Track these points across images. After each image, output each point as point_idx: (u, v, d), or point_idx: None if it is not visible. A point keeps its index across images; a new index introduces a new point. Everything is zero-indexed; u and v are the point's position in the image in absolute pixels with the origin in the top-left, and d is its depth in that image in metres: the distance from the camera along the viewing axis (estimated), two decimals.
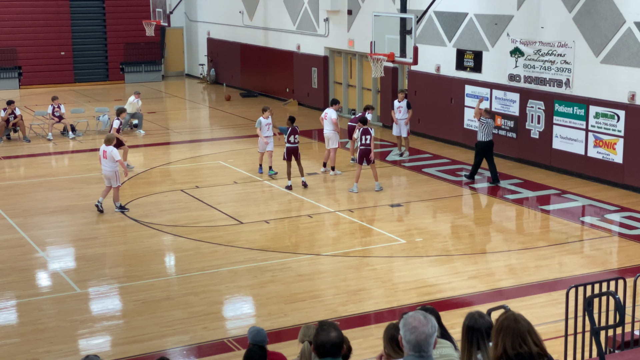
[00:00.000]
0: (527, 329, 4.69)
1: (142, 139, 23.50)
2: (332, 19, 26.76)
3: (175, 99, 32.46)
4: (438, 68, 22.46)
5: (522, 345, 4.63)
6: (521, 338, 4.64)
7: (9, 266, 13.16)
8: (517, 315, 4.76)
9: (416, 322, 4.43)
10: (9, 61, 33.28)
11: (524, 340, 4.64)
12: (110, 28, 35.02)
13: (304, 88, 28.74)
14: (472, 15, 21.16)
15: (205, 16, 35.70)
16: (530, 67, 19.48)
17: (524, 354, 4.62)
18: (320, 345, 4.98)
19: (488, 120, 17.70)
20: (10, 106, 23.05)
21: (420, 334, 4.40)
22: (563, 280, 12.28)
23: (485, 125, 17.64)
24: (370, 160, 17.13)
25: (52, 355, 10.03)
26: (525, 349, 4.62)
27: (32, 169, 19.99)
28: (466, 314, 5.38)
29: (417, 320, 4.44)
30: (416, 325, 4.42)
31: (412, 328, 4.42)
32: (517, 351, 4.61)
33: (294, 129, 17.68)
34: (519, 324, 4.69)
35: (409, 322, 4.45)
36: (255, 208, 16.39)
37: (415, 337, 4.40)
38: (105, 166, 15.82)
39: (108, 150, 15.74)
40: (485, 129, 17.65)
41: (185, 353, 10.16)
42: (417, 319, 4.45)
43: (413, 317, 4.46)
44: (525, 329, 4.69)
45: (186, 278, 12.68)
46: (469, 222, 15.70)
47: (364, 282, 12.35)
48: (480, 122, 17.72)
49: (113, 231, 15.02)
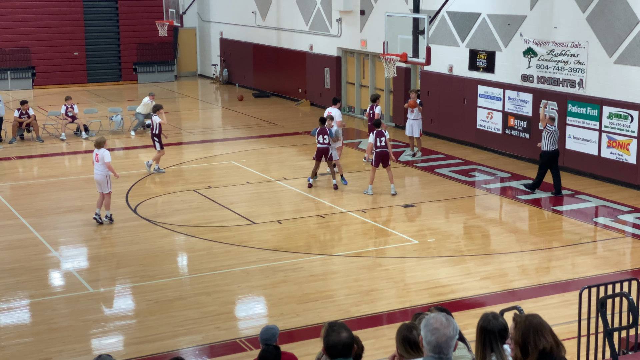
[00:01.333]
0: (549, 330, 4.75)
1: None
2: (345, 19, 26.74)
3: (188, 99, 32.53)
4: (451, 68, 22.41)
5: (545, 339, 4.70)
6: (543, 337, 4.71)
7: (23, 266, 13.23)
8: (535, 315, 4.83)
9: (438, 324, 4.41)
10: (22, 61, 33.45)
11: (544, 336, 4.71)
12: (123, 28, 35.14)
13: (316, 88, 28.74)
14: (485, 16, 21.10)
15: (218, 16, 35.76)
16: (543, 68, 19.40)
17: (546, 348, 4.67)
18: (332, 346, 4.98)
19: (553, 128, 16.73)
20: (23, 106, 23.17)
21: (442, 336, 4.39)
22: (576, 281, 12.23)
23: (551, 134, 16.66)
24: (387, 162, 17.12)
25: (65, 355, 10.07)
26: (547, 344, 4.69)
27: (46, 169, 20.08)
28: (480, 315, 5.36)
29: (439, 321, 4.42)
30: (438, 326, 4.40)
31: (433, 329, 4.40)
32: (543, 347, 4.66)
33: (323, 129, 17.75)
34: (538, 319, 4.76)
35: (430, 322, 4.43)
36: (268, 208, 16.40)
37: (436, 339, 4.38)
38: (97, 170, 15.29)
39: (100, 153, 15.23)
40: (550, 138, 16.67)
41: (197, 353, 10.18)
42: (439, 321, 4.43)
43: (435, 318, 4.44)
44: (548, 329, 4.75)
45: (198, 278, 12.71)
46: (482, 222, 15.65)
47: (376, 283, 12.33)
48: (546, 130, 16.72)
49: (126, 231, 15.06)
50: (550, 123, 16.84)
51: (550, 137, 16.75)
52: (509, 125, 20.49)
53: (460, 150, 21.53)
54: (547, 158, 16.91)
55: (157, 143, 19.35)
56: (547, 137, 16.76)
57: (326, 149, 17.60)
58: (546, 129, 16.83)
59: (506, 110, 20.55)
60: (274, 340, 7.32)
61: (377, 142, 17.02)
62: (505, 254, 13.69)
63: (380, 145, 17.00)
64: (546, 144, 16.82)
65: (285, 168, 19.81)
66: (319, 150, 17.65)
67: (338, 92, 27.66)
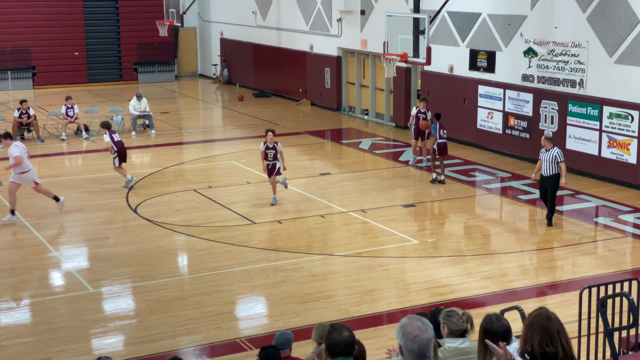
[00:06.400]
0: (557, 329, 4.64)
1: (154, 139, 23.57)
2: (345, 19, 26.74)
3: (188, 99, 32.54)
4: (451, 68, 22.41)
5: (549, 345, 4.59)
6: (550, 337, 4.60)
7: (23, 266, 13.23)
8: (550, 314, 4.69)
9: (417, 330, 4.41)
10: (23, 61, 33.46)
11: (552, 340, 4.60)
12: (123, 28, 35.15)
13: (317, 88, 28.74)
14: (486, 16, 21.09)
15: (219, 16, 35.76)
16: (543, 68, 19.40)
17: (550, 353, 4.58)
18: (334, 344, 4.99)
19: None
20: (23, 105, 23.18)
21: (423, 341, 4.39)
22: (576, 281, 12.23)
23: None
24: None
25: (65, 355, 10.07)
26: (552, 349, 4.58)
27: (46, 169, 20.08)
28: (483, 316, 5.35)
29: (416, 328, 4.42)
30: (417, 333, 4.40)
31: (414, 337, 4.39)
32: (544, 350, 4.58)
33: (442, 124, 18.14)
34: (550, 322, 4.64)
35: (409, 331, 4.41)
36: (268, 208, 16.40)
37: (419, 345, 4.38)
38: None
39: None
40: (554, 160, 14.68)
41: (198, 353, 10.18)
42: (416, 327, 4.42)
43: (412, 325, 4.43)
44: (556, 328, 4.63)
45: (199, 278, 12.71)
46: (482, 222, 15.65)
47: (376, 283, 12.33)
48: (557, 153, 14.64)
49: (126, 231, 15.06)
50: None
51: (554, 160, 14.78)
52: (510, 125, 20.49)
53: (460, 150, 21.53)
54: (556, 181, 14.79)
55: (116, 159, 17.95)
56: (553, 161, 14.72)
57: (444, 144, 18.05)
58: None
59: (506, 110, 20.55)
60: (287, 346, 7.34)
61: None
62: (506, 254, 13.69)
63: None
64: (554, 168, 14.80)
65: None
66: (440, 145, 17.94)
67: (338, 93, 27.67)
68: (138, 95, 24.64)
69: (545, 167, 14.71)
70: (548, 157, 14.63)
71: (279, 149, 16.47)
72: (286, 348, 7.35)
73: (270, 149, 16.44)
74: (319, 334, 7.06)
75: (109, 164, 18.45)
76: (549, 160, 14.63)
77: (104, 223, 15.55)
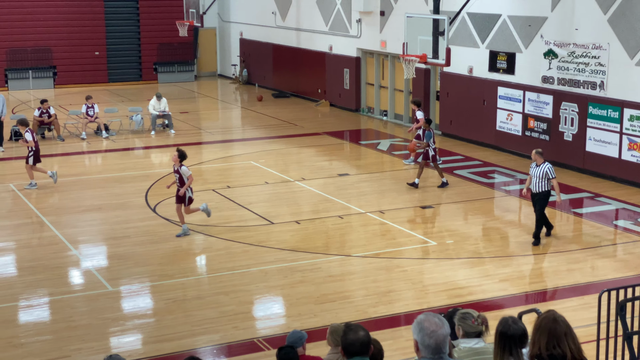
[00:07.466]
0: (564, 331, 4.62)
1: (173, 139, 23.67)
2: (365, 20, 26.73)
3: (208, 99, 32.65)
4: (471, 69, 22.33)
5: (556, 347, 4.57)
6: (557, 339, 4.59)
7: (42, 264, 13.33)
8: (558, 316, 4.69)
9: (434, 326, 4.43)
10: (44, 61, 33.72)
11: (559, 342, 4.58)
12: (144, 28, 35.33)
13: (335, 89, 28.74)
14: (506, 17, 21.00)
15: (238, 17, 35.86)
16: (564, 69, 19.29)
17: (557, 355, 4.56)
18: (350, 344, 4.99)
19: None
20: (43, 105, 23.36)
21: (439, 336, 4.41)
22: (595, 284, 12.15)
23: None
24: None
25: (84, 353, 10.13)
26: (559, 351, 4.57)
27: (66, 168, 20.22)
28: (500, 319, 5.33)
29: (433, 323, 4.44)
30: (434, 329, 4.42)
31: (431, 332, 4.41)
32: (551, 352, 4.56)
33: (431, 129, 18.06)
34: (557, 324, 4.64)
35: (425, 326, 4.43)
36: (286, 208, 16.42)
37: (435, 341, 4.40)
38: None
39: None
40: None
41: (215, 352, 10.21)
42: (433, 323, 4.44)
43: (428, 321, 4.46)
44: (563, 331, 4.62)
45: (217, 277, 12.75)
46: (501, 224, 15.58)
47: (394, 284, 12.31)
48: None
49: (145, 230, 15.13)
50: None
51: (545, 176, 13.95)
52: (529, 127, 20.39)
53: (479, 151, 21.45)
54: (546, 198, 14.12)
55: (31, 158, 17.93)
56: (543, 177, 13.90)
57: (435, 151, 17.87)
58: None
59: (526, 112, 20.45)
60: (299, 345, 7.35)
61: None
62: (524, 256, 13.62)
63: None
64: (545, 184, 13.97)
65: (304, 168, 19.83)
66: (433, 153, 17.71)
67: (357, 94, 27.66)
68: (158, 95, 24.75)
69: (535, 183, 13.86)
70: (538, 172, 13.76)
71: (184, 174, 14.32)
72: (299, 346, 7.36)
73: (175, 172, 14.47)
74: (335, 337, 7.02)
75: (129, 163, 18.59)
76: (538, 177, 13.76)
77: (123, 222, 15.63)
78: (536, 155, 13.89)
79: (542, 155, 13.92)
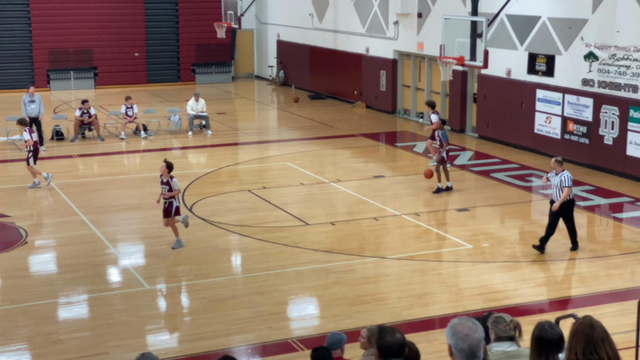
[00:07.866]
0: (601, 337, 4.57)
1: (210, 139, 23.84)
2: (402, 22, 26.66)
3: (244, 100, 32.81)
4: (509, 72, 22.15)
5: (593, 353, 4.53)
6: (593, 345, 4.54)
7: (82, 261, 13.51)
8: (594, 322, 4.64)
9: (467, 329, 4.40)
10: (85, 62, 34.18)
11: (596, 348, 4.53)
12: (182, 30, 35.64)
13: (372, 91, 28.70)
14: (545, 19, 20.80)
15: (276, 19, 36.00)
16: (604, 72, 19.04)
17: None
18: (389, 347, 4.99)
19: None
20: (84, 105, 23.68)
21: (473, 340, 4.37)
22: (635, 290, 11.97)
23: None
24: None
25: (121, 350, 10.25)
26: (596, 357, 4.52)
27: (105, 167, 20.48)
28: (536, 324, 5.29)
29: (467, 327, 4.41)
30: (468, 332, 4.39)
31: (464, 336, 4.38)
32: (588, 358, 4.52)
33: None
34: (593, 330, 4.59)
35: (459, 330, 4.41)
36: (321, 210, 16.44)
37: (469, 345, 4.36)
38: None
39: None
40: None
41: (249, 352, 10.26)
42: (466, 326, 4.41)
43: (462, 325, 4.43)
44: (600, 336, 4.57)
45: (252, 277, 12.81)
46: (538, 228, 15.41)
47: (429, 286, 12.26)
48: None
49: (181, 230, 15.24)
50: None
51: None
52: (568, 130, 20.17)
53: (516, 154, 21.27)
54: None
55: (31, 159, 18.05)
56: (560, 185, 13.52)
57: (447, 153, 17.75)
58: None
59: (565, 115, 20.24)
60: (338, 347, 7.36)
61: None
62: (562, 261, 13.47)
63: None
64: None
65: (339, 170, 19.84)
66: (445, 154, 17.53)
67: (394, 95, 27.59)
68: (196, 95, 24.94)
69: (554, 192, 13.53)
70: (556, 181, 13.42)
71: (174, 186, 13.88)
72: (337, 348, 7.37)
73: (164, 184, 13.94)
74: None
75: None
76: (556, 185, 13.43)
77: (160, 221, 15.74)
78: (555, 163, 13.57)
79: (562, 164, 13.58)
